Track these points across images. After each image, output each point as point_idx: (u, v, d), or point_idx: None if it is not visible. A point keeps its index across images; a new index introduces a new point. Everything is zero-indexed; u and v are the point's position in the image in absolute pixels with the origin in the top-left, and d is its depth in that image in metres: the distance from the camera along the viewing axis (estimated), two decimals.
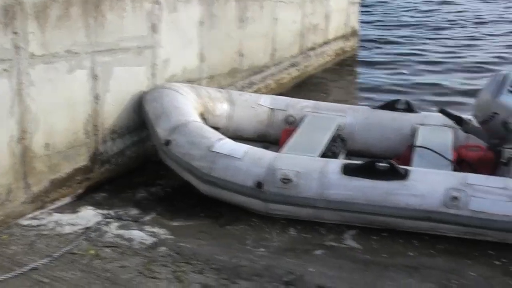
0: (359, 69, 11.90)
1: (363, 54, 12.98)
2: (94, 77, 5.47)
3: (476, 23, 16.98)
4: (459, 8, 19.75)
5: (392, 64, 12.10)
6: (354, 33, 12.78)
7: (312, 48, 10.58)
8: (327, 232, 5.02)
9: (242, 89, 8.03)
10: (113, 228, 4.94)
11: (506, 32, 15.50)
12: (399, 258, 4.65)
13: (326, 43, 11.24)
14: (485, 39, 14.56)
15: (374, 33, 15.37)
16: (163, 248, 4.63)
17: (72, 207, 5.29)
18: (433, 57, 12.90)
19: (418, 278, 4.36)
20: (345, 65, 11.95)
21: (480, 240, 4.88)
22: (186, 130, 5.53)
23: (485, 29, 16.08)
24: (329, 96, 9.44)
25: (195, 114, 5.89)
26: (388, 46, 13.91)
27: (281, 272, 4.33)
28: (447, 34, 15.42)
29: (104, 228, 4.93)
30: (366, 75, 11.31)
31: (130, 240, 4.75)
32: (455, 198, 4.80)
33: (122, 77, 5.80)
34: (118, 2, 5.64)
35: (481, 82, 6.17)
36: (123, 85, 5.86)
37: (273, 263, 4.46)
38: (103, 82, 5.58)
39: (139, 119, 6.04)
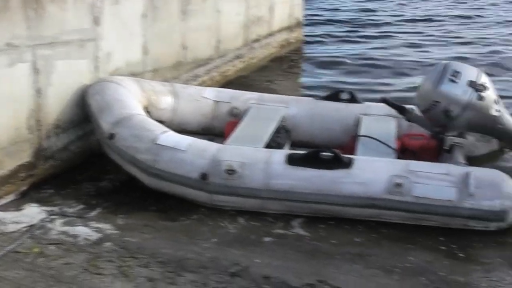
0: (304, 60, 11.93)
1: (307, 46, 13.02)
2: (36, 71, 5.39)
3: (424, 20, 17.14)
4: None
5: (336, 56, 12.15)
6: (298, 24, 12.79)
7: (257, 40, 10.57)
8: (274, 222, 5.06)
9: (187, 82, 7.99)
10: (58, 225, 4.88)
11: (452, 29, 15.64)
12: (344, 245, 4.72)
13: (270, 34, 11.24)
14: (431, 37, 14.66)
15: (319, 26, 15.41)
16: (108, 244, 4.60)
17: (16, 205, 5.21)
18: (376, 48, 13.04)
19: (362, 265, 4.43)
20: (289, 56, 11.95)
21: (425, 226, 4.98)
22: (130, 123, 5.49)
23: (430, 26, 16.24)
24: (274, 87, 9.46)
25: (139, 108, 5.86)
26: (332, 38, 13.96)
27: (227, 263, 4.34)
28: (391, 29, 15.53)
29: (49, 225, 4.88)
30: (310, 66, 11.34)
31: (75, 236, 4.71)
32: (399, 184, 4.88)
33: (64, 70, 5.72)
34: None
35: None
36: (66, 78, 5.78)
37: (219, 255, 4.47)
38: (45, 76, 5.50)
39: (82, 113, 5.96)
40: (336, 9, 18.31)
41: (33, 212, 5.09)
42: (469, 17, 16.78)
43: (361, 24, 15.84)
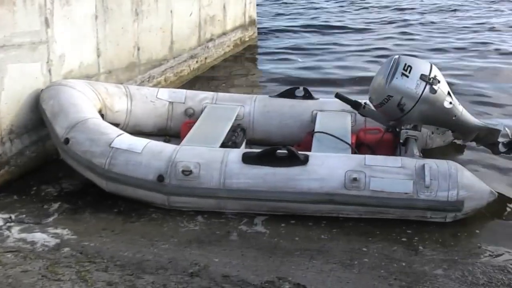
0: (259, 59, 11.95)
1: (262, 43, 13.03)
2: None
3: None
4: None
5: (290, 53, 12.16)
6: (252, 22, 12.81)
7: (211, 40, 10.56)
8: (232, 220, 5.08)
9: (141, 83, 7.96)
10: (15, 232, 4.83)
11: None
12: (304, 241, 4.75)
13: (224, 33, 11.24)
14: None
15: (273, 24, 15.41)
16: (66, 249, 4.57)
17: None
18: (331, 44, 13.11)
19: (322, 260, 4.46)
20: (244, 55, 11.96)
21: (385, 219, 5.05)
22: (85, 127, 5.45)
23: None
24: (229, 86, 9.47)
25: (94, 111, 5.81)
26: (285, 36, 13.98)
27: (186, 264, 4.34)
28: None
29: (6, 232, 4.82)
30: (265, 64, 11.35)
31: (32, 243, 4.66)
32: (355, 179, 4.92)
33: (17, 74, 5.66)
34: None
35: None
36: (19, 82, 5.71)
37: (178, 255, 4.46)
38: None
39: (37, 118, 5.90)
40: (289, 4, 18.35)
41: None
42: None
43: (315, 21, 15.87)
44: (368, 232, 4.91)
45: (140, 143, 5.31)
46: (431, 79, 5.35)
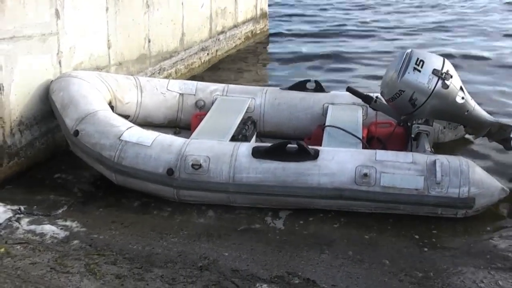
0: (270, 51, 11.92)
1: (273, 36, 12.99)
2: None
3: None
4: None
5: (302, 46, 12.13)
6: (264, 15, 12.78)
7: (222, 32, 10.54)
8: (242, 215, 5.06)
9: (152, 75, 7.95)
10: (24, 224, 4.83)
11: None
12: (313, 236, 4.74)
13: (236, 26, 11.21)
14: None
15: (285, 16, 15.35)
16: (75, 242, 4.56)
17: None
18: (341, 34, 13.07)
19: (331, 255, 4.45)
20: (255, 47, 11.95)
21: (395, 214, 5.01)
22: (95, 120, 5.43)
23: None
24: (240, 79, 9.44)
25: (104, 103, 5.79)
26: (297, 29, 13.94)
27: (196, 257, 4.33)
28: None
29: (15, 224, 4.82)
30: (276, 57, 11.31)
31: (42, 235, 4.66)
32: (366, 175, 4.89)
33: (27, 65, 5.65)
34: None
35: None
36: (29, 74, 5.70)
37: (187, 249, 4.46)
38: (7, 72, 5.41)
39: (47, 109, 5.90)
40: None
41: None
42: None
43: (325, 15, 15.81)
44: (379, 227, 4.89)
45: (149, 136, 5.29)
46: (444, 74, 5.31)
